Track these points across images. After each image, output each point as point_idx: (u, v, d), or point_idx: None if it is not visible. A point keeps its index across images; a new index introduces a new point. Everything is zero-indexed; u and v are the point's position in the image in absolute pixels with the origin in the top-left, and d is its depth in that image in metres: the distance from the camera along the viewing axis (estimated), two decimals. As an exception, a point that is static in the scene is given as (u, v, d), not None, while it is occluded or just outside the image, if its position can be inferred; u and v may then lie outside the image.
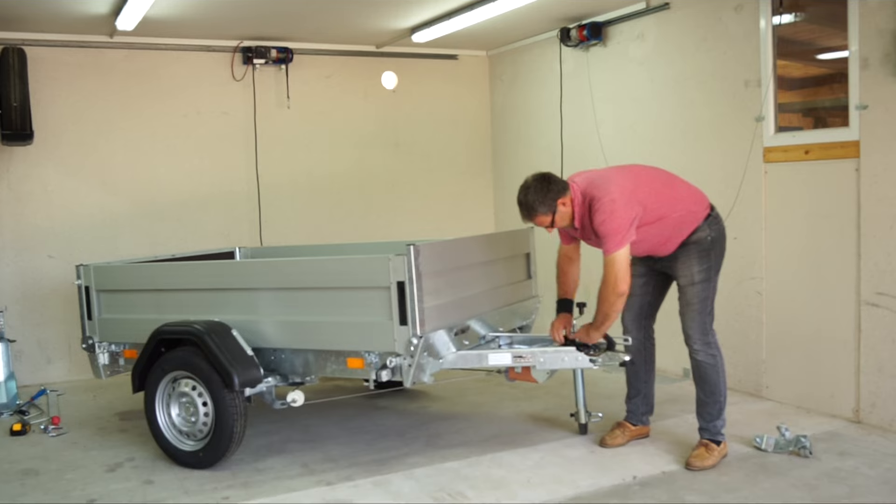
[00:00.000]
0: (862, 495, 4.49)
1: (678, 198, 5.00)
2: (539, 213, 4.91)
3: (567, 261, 5.39)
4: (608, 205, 4.77)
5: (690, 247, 5.00)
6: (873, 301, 5.51)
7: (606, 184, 4.88)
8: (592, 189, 4.89)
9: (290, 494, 4.81)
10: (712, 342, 5.07)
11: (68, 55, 7.86)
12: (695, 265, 5.00)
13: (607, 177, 4.98)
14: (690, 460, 5.01)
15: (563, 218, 4.95)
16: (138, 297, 5.93)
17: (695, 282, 5.01)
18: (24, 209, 7.76)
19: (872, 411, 5.56)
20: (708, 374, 5.08)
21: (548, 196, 4.87)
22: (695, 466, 4.96)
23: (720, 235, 5.07)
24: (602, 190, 4.84)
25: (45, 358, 7.87)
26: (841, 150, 5.66)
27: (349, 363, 5.09)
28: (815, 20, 6.22)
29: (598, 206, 4.80)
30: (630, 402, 5.53)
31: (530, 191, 4.90)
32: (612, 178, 4.94)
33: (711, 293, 5.05)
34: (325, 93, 8.95)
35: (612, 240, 4.76)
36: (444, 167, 9.57)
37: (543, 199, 4.88)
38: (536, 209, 4.90)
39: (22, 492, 5.04)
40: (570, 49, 8.15)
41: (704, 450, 5.05)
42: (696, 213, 4.99)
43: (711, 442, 5.07)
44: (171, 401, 5.45)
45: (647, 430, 5.55)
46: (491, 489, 4.78)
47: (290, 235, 8.65)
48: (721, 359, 5.10)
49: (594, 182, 4.93)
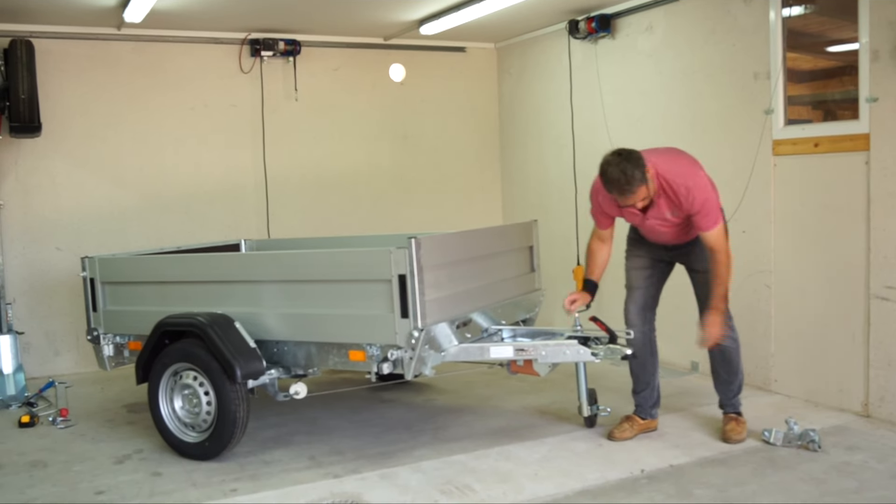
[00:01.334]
0: (871, 489, 4.47)
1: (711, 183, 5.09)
2: (638, 183, 4.73)
3: (599, 243, 5.37)
4: (704, 191, 4.87)
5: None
6: (883, 294, 5.48)
7: (692, 170, 4.93)
8: (680, 176, 4.87)
9: (297, 487, 4.81)
10: (732, 325, 5.20)
11: (76, 47, 7.86)
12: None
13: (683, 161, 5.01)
14: (729, 435, 5.21)
15: (650, 193, 4.88)
16: (143, 289, 5.94)
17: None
18: (32, 201, 7.77)
19: (881, 405, 5.54)
20: (731, 356, 5.27)
21: (641, 167, 4.73)
22: (734, 440, 5.19)
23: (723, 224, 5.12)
24: (693, 178, 4.88)
25: (53, 350, 7.89)
26: (851, 142, 5.63)
27: (351, 356, 5.10)
28: (825, 12, 6.19)
29: (695, 193, 4.83)
30: (638, 395, 5.52)
31: (626, 165, 4.71)
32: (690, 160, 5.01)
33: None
34: (333, 85, 8.94)
35: (713, 215, 4.88)
36: (452, 160, 9.56)
37: (640, 170, 4.72)
38: (636, 180, 4.71)
39: (30, 483, 5.06)
40: (579, 41, 8.13)
41: (736, 423, 5.29)
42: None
43: (739, 415, 5.34)
44: (175, 392, 5.46)
45: (655, 424, 5.54)
46: (498, 482, 4.77)
47: (298, 228, 8.65)
48: (738, 340, 5.29)
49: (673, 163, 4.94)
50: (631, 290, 5.46)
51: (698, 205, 4.84)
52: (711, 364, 5.43)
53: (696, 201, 4.84)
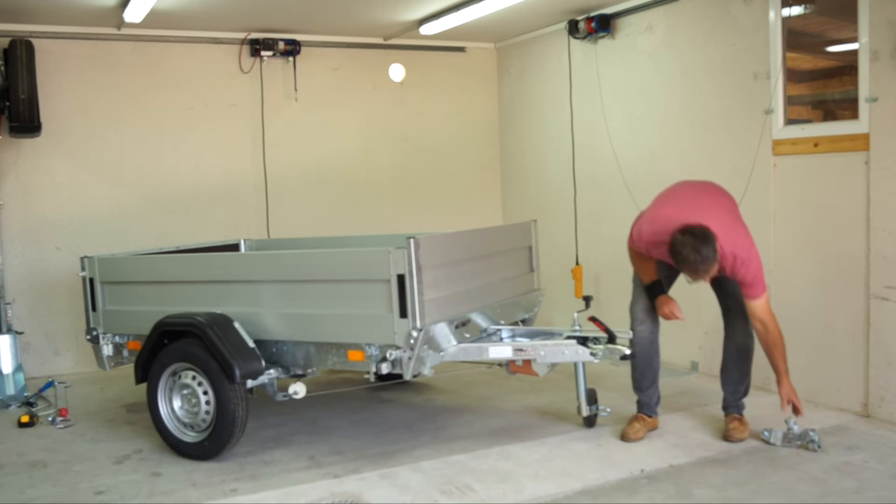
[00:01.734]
0: (871, 489, 4.47)
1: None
2: (714, 262, 4.77)
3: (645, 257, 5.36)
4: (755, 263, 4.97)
5: None
6: (882, 294, 5.48)
7: (746, 242, 4.99)
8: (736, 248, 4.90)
9: (297, 487, 4.81)
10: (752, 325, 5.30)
11: (76, 47, 7.86)
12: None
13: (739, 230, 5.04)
14: (732, 434, 5.25)
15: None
16: (142, 289, 5.94)
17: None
18: (32, 201, 7.77)
19: (881, 405, 5.54)
20: (749, 355, 5.40)
21: (713, 245, 4.75)
22: (737, 438, 5.22)
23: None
24: (743, 247, 4.93)
25: (52, 350, 7.89)
26: (850, 142, 5.63)
27: (350, 355, 5.10)
28: (824, 12, 6.19)
29: (743, 262, 4.91)
30: (644, 392, 5.51)
31: (700, 246, 4.72)
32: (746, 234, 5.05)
33: None
34: (333, 85, 8.94)
35: (760, 285, 5.01)
36: (452, 160, 9.55)
37: (713, 248, 4.75)
38: (713, 259, 4.76)
39: (30, 483, 5.05)
40: (579, 41, 8.12)
41: (739, 423, 5.31)
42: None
43: (742, 415, 5.39)
44: (174, 392, 5.46)
45: (657, 422, 5.54)
46: (498, 482, 4.77)
47: (298, 228, 8.65)
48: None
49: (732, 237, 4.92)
50: (640, 288, 5.44)
51: (750, 277, 4.96)
52: (724, 363, 5.44)
53: (748, 273, 4.95)
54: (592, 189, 8.12)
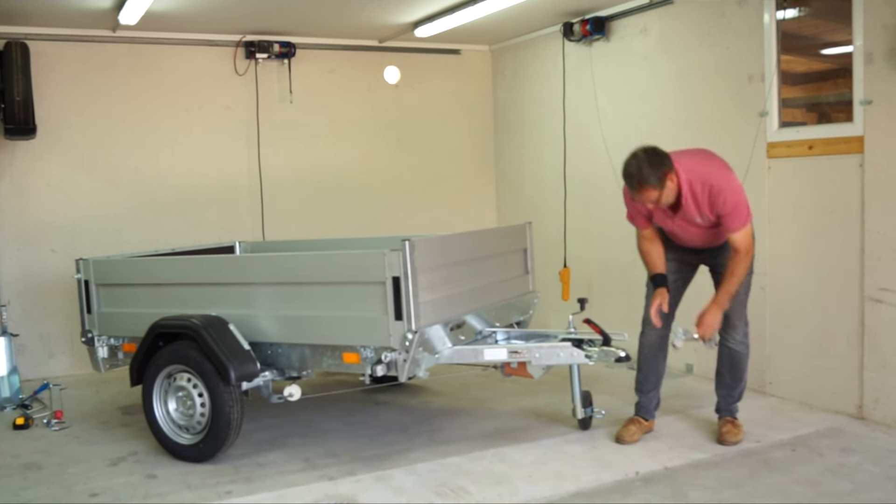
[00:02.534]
0: (865, 491, 4.48)
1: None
2: (649, 186, 4.78)
3: (648, 243, 5.30)
4: (734, 193, 4.87)
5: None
6: (877, 297, 5.49)
7: (720, 169, 4.96)
8: (705, 174, 4.89)
9: (291, 489, 4.81)
10: (747, 331, 5.28)
11: (71, 49, 7.86)
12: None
13: (713, 161, 5.02)
14: (726, 437, 5.23)
15: (668, 195, 4.88)
16: (137, 292, 5.94)
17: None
18: (27, 203, 7.76)
19: (876, 407, 5.55)
20: (741, 362, 5.32)
21: (659, 170, 4.78)
22: (731, 442, 5.21)
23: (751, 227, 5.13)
24: (722, 179, 4.89)
25: (47, 352, 7.88)
26: (845, 145, 5.64)
27: (345, 358, 5.10)
28: (819, 15, 6.20)
29: (725, 190, 4.84)
30: (645, 395, 5.51)
31: (644, 164, 4.78)
32: (720, 163, 5.02)
33: (751, 284, 5.25)
34: (328, 87, 8.94)
35: (742, 216, 4.89)
36: (447, 162, 9.56)
37: (656, 173, 4.77)
38: (648, 181, 4.77)
39: (24, 486, 5.05)
40: (573, 44, 8.13)
41: (732, 426, 5.31)
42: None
43: (736, 419, 5.36)
44: (169, 395, 5.46)
45: (654, 425, 5.55)
46: (493, 484, 4.77)
47: (293, 230, 8.65)
48: (749, 347, 5.35)
49: (702, 165, 4.95)
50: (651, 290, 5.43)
51: (730, 205, 4.85)
52: (718, 366, 5.43)
53: (727, 202, 4.85)
54: (586, 191, 8.12)
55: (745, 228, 4.93)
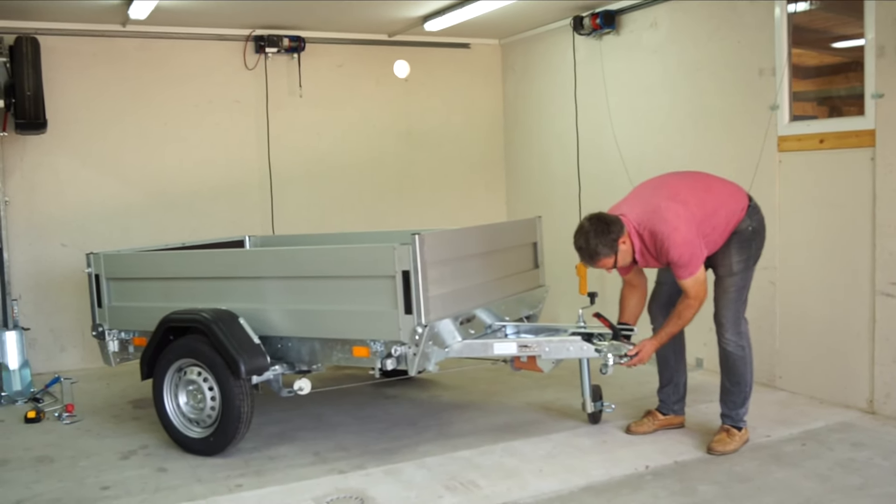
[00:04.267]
0: (876, 486, 4.47)
1: (720, 202, 5.01)
2: (602, 256, 4.85)
3: (630, 289, 5.32)
4: (675, 236, 4.79)
5: (732, 238, 5.01)
6: (888, 291, 5.48)
7: (663, 214, 4.85)
8: (651, 224, 4.86)
9: (302, 483, 4.82)
10: (743, 332, 5.11)
11: (81, 44, 7.87)
12: (734, 255, 5.02)
13: (657, 205, 4.91)
14: (712, 445, 5.07)
15: (625, 256, 4.93)
16: (147, 286, 5.96)
17: (733, 272, 5.04)
18: (37, 198, 7.79)
19: (887, 402, 5.54)
20: (736, 364, 5.12)
21: (608, 238, 4.82)
22: (716, 451, 5.03)
23: (760, 226, 5.08)
24: (662, 223, 4.83)
25: (58, 346, 7.91)
26: (856, 138, 5.62)
27: (355, 351, 5.10)
28: (830, 8, 6.18)
29: (667, 241, 4.80)
30: (661, 391, 5.52)
31: (591, 235, 4.83)
32: (664, 207, 4.89)
33: (748, 283, 5.10)
34: (338, 81, 8.94)
35: (689, 266, 4.84)
36: (457, 156, 9.56)
37: (605, 242, 4.81)
38: (599, 253, 4.84)
39: (36, 478, 5.07)
40: (583, 38, 8.12)
41: (726, 435, 5.13)
42: (736, 212, 5.00)
43: (733, 427, 5.13)
44: (179, 388, 5.48)
45: (679, 420, 5.51)
46: (503, 478, 4.78)
47: (302, 224, 8.66)
48: (750, 350, 5.14)
49: (647, 215, 4.90)
50: (657, 286, 5.43)
51: (675, 256, 4.83)
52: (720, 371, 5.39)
53: (671, 253, 4.82)
54: (597, 185, 8.11)
55: (693, 278, 4.86)
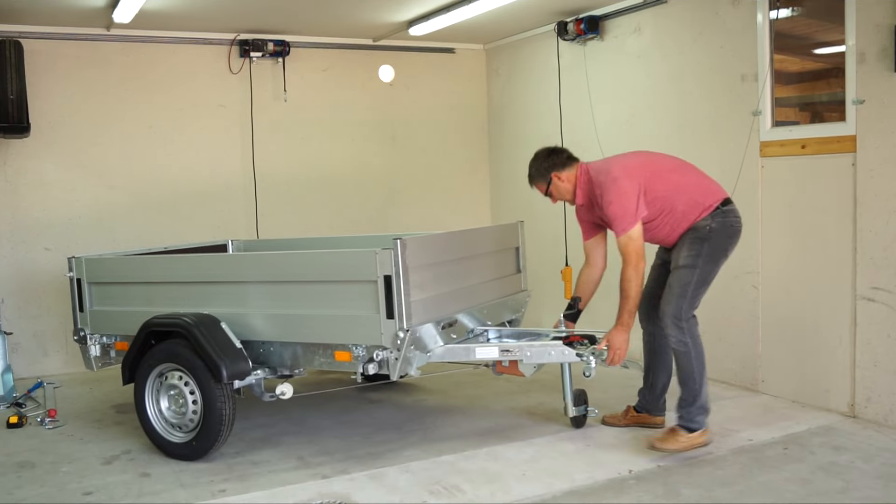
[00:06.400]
0: (857, 489, 4.50)
1: (685, 185, 5.06)
2: (534, 179, 5.35)
3: (587, 267, 5.45)
4: (611, 184, 4.94)
5: (687, 233, 5.04)
6: (869, 296, 5.51)
7: (609, 165, 5.11)
8: (597, 171, 5.10)
9: (285, 487, 4.81)
10: (685, 329, 4.98)
11: (65, 48, 7.85)
12: (684, 249, 5.03)
13: (613, 159, 5.23)
14: (653, 441, 5.06)
15: (560, 192, 5.26)
16: (129, 290, 5.94)
17: (679, 265, 5.03)
18: (21, 201, 7.75)
19: (867, 406, 5.57)
20: (679, 360, 5.06)
21: (542, 166, 5.29)
22: (653, 447, 5.02)
23: (723, 229, 4.99)
24: (604, 172, 5.04)
25: (41, 350, 7.87)
26: (837, 144, 5.66)
27: (337, 356, 5.10)
28: (812, 14, 6.22)
29: (603, 188, 4.94)
30: (639, 391, 5.59)
31: (534, 159, 5.34)
32: (617, 160, 5.19)
33: (694, 281, 4.97)
34: (322, 86, 8.94)
35: (623, 220, 4.93)
36: (441, 161, 9.57)
37: (539, 168, 5.30)
38: (532, 175, 5.36)
39: (18, 484, 5.04)
40: (567, 43, 8.15)
41: (669, 433, 5.05)
42: (701, 204, 5.01)
43: (682, 428, 5.01)
44: (161, 393, 5.46)
45: (656, 420, 5.52)
46: (486, 483, 4.78)
47: (287, 228, 8.65)
48: (694, 347, 4.99)
49: (601, 164, 5.18)
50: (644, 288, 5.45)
51: (604, 204, 4.97)
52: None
53: (603, 202, 4.97)
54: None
55: (625, 235, 4.91)
